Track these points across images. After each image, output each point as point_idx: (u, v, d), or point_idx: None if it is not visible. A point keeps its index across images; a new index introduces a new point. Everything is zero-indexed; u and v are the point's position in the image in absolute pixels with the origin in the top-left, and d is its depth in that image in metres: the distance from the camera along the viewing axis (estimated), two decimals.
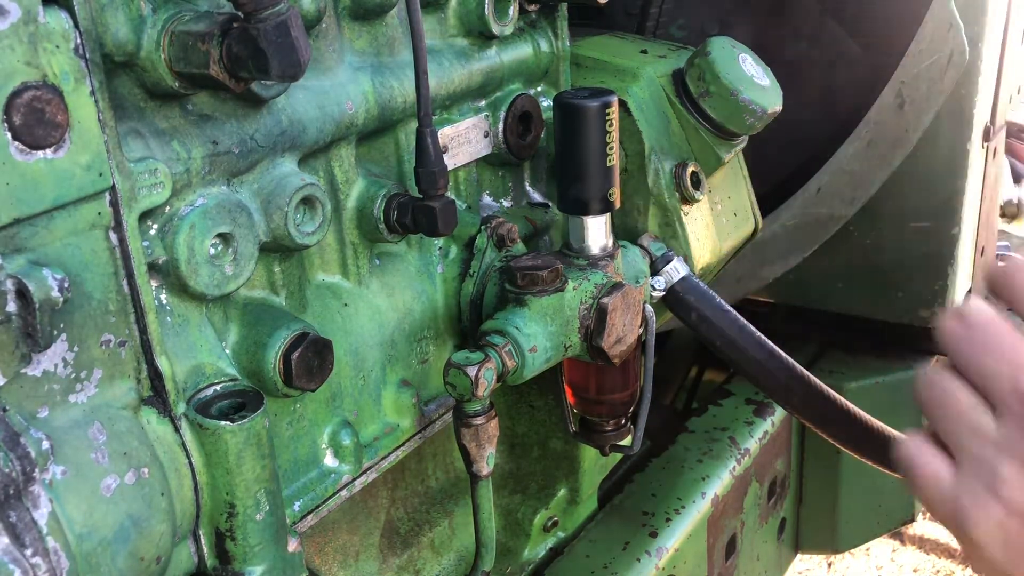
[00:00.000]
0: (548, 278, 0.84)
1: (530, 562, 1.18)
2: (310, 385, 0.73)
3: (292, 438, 0.79)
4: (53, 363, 0.58)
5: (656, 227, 1.02)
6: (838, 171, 1.47)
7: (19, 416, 0.56)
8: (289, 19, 0.60)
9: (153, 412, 0.65)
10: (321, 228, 0.75)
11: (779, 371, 1.01)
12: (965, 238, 1.61)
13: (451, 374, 0.80)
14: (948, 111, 1.49)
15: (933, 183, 1.56)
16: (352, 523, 0.97)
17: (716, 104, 1.00)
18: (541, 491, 1.17)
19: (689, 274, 1.00)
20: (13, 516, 0.54)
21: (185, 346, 0.69)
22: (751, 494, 1.44)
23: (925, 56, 1.38)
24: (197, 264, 0.67)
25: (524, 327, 0.83)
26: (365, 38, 0.82)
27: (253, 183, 0.72)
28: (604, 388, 0.97)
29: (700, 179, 1.03)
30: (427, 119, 0.78)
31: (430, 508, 1.07)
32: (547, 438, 1.14)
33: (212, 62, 0.62)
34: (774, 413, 1.50)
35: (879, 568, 3.06)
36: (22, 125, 0.53)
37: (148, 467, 0.63)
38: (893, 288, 1.65)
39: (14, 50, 0.53)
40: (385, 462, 0.87)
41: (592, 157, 0.86)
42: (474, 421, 0.83)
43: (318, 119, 0.75)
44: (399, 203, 0.82)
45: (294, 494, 0.79)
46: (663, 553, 1.20)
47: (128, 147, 0.63)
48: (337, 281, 0.83)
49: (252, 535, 0.69)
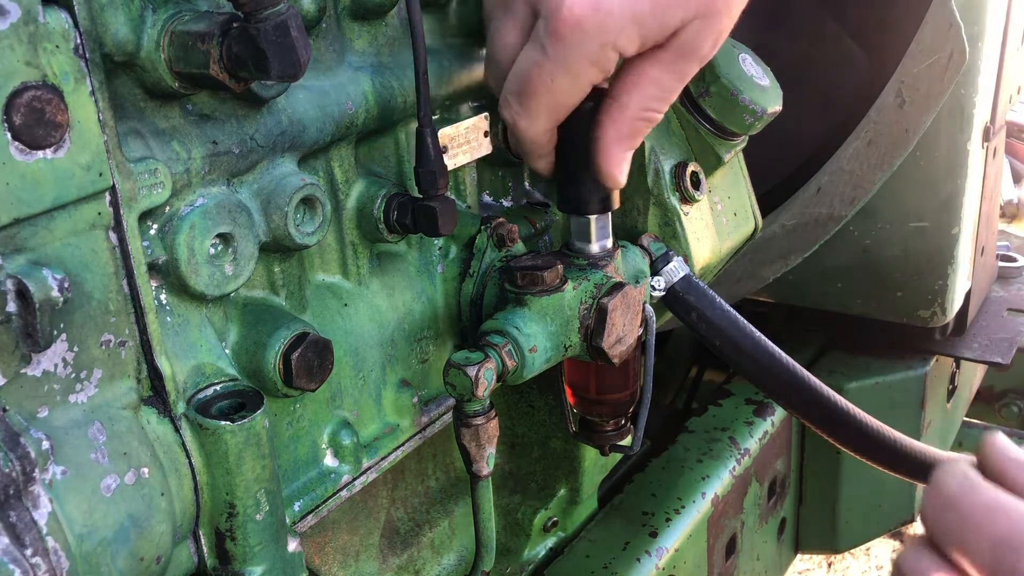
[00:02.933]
0: (548, 278, 0.84)
1: (530, 562, 1.18)
2: (310, 385, 0.73)
3: (292, 438, 0.79)
4: (53, 363, 0.58)
5: (656, 227, 1.02)
6: (838, 171, 1.47)
7: (19, 416, 0.56)
8: (289, 19, 0.60)
9: (153, 412, 0.65)
10: (321, 228, 0.75)
11: (779, 371, 1.01)
12: (965, 238, 1.61)
13: (451, 374, 0.80)
14: (948, 111, 1.49)
15: (933, 183, 1.56)
16: (352, 523, 0.97)
17: (716, 104, 1.00)
18: (541, 491, 1.17)
19: (689, 274, 1.00)
20: (13, 516, 0.54)
21: (185, 346, 0.69)
22: (751, 494, 1.44)
23: (925, 56, 1.38)
24: (197, 264, 0.67)
25: (524, 327, 0.83)
26: (365, 38, 0.82)
27: (253, 183, 0.72)
28: (604, 388, 0.97)
29: (700, 179, 1.03)
30: (427, 119, 0.78)
31: (430, 508, 1.07)
32: (547, 438, 1.14)
33: (212, 62, 0.62)
34: (774, 413, 1.50)
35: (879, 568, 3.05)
36: (22, 125, 0.53)
37: (148, 467, 0.63)
38: (893, 288, 1.65)
39: (14, 50, 0.53)
40: (385, 462, 0.87)
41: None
42: (474, 421, 0.83)
43: (318, 119, 0.75)
44: (399, 203, 0.82)
45: (294, 494, 0.79)
46: (663, 553, 1.20)
47: (128, 147, 0.63)
48: (337, 281, 0.83)
49: (252, 535, 0.69)
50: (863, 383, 1.66)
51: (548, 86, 0.78)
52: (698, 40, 0.77)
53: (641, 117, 0.82)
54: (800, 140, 1.51)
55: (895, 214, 1.59)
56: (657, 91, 0.81)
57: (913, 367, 1.68)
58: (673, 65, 0.79)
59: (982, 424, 2.33)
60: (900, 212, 1.59)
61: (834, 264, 1.66)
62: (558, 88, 0.78)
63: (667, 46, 0.78)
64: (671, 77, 0.80)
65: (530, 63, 0.78)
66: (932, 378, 1.71)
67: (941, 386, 1.81)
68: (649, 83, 0.80)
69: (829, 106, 1.51)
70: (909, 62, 1.39)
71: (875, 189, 1.47)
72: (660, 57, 0.78)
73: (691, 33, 0.77)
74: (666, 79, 0.80)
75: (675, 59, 0.78)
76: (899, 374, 1.68)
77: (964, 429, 2.23)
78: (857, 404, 1.06)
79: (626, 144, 0.84)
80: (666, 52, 0.78)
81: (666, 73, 0.79)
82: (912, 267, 1.62)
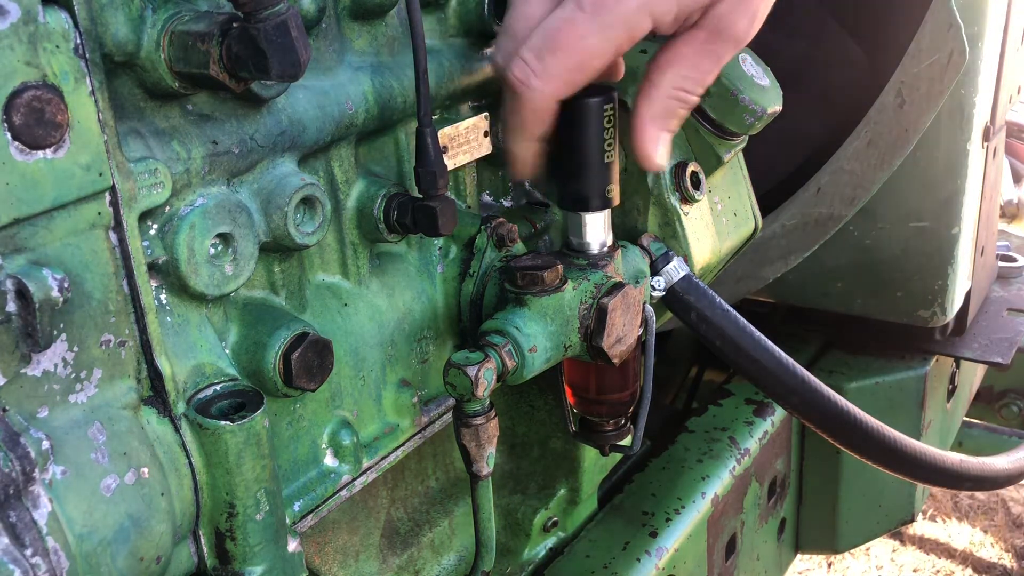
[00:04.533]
0: (548, 278, 0.84)
1: (530, 562, 1.18)
2: (310, 385, 0.73)
3: (292, 438, 0.79)
4: (53, 363, 0.58)
5: (656, 227, 1.02)
6: (838, 171, 1.47)
7: (19, 416, 0.56)
8: (289, 19, 0.60)
9: (153, 412, 0.65)
10: (321, 228, 0.75)
11: (779, 371, 1.01)
12: (965, 238, 1.61)
13: (451, 374, 0.80)
14: (948, 111, 1.49)
15: (933, 183, 1.56)
16: (352, 523, 0.97)
17: (716, 104, 1.00)
18: (541, 491, 1.17)
19: (689, 274, 1.00)
20: (13, 516, 0.54)
21: (185, 346, 0.69)
22: (751, 494, 1.44)
23: (925, 56, 1.38)
24: (197, 264, 0.67)
25: (524, 327, 0.83)
26: (365, 38, 0.82)
27: (253, 183, 0.72)
28: (604, 388, 0.97)
29: (700, 179, 1.03)
30: (427, 119, 0.78)
31: (430, 508, 1.07)
32: (547, 438, 1.14)
33: (212, 62, 0.62)
34: (774, 413, 1.50)
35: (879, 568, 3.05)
36: (22, 125, 0.53)
37: (148, 467, 0.63)
38: (893, 288, 1.65)
39: (14, 50, 0.53)
40: (385, 462, 0.87)
41: (591, 153, 0.86)
42: (474, 421, 0.83)
43: (318, 119, 0.75)
44: (399, 203, 0.82)
45: (294, 494, 0.79)
46: (663, 553, 1.20)
47: (128, 147, 0.63)
48: (337, 281, 0.83)
49: (252, 535, 0.69)
50: (863, 383, 1.66)
51: (576, 44, 0.76)
52: (732, 18, 0.78)
53: (674, 96, 0.82)
54: (800, 140, 1.51)
55: (895, 214, 1.59)
56: (690, 70, 0.81)
57: (913, 367, 1.68)
58: (708, 45, 0.79)
59: (982, 424, 2.34)
60: (900, 212, 1.59)
61: (834, 264, 1.66)
62: (586, 47, 0.76)
63: (701, 24, 0.78)
64: (705, 57, 0.80)
65: (560, 19, 0.77)
66: (932, 378, 1.71)
67: (941, 386, 1.81)
68: (682, 61, 0.80)
69: (829, 106, 1.51)
70: (909, 62, 1.39)
71: (875, 189, 1.47)
72: (695, 36, 0.79)
73: (726, 10, 0.77)
74: (700, 59, 0.80)
75: (710, 38, 0.79)
76: (899, 374, 1.68)
77: (964, 429, 2.23)
78: (857, 404, 1.06)
79: (660, 124, 0.83)
80: (701, 31, 0.78)
81: (700, 53, 0.80)
82: (912, 267, 1.62)
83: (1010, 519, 3.22)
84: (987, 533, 3.18)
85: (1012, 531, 3.17)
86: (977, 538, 3.16)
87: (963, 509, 3.29)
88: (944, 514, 3.27)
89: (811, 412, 1.03)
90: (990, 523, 3.22)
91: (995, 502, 3.29)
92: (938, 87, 1.39)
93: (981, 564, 3.04)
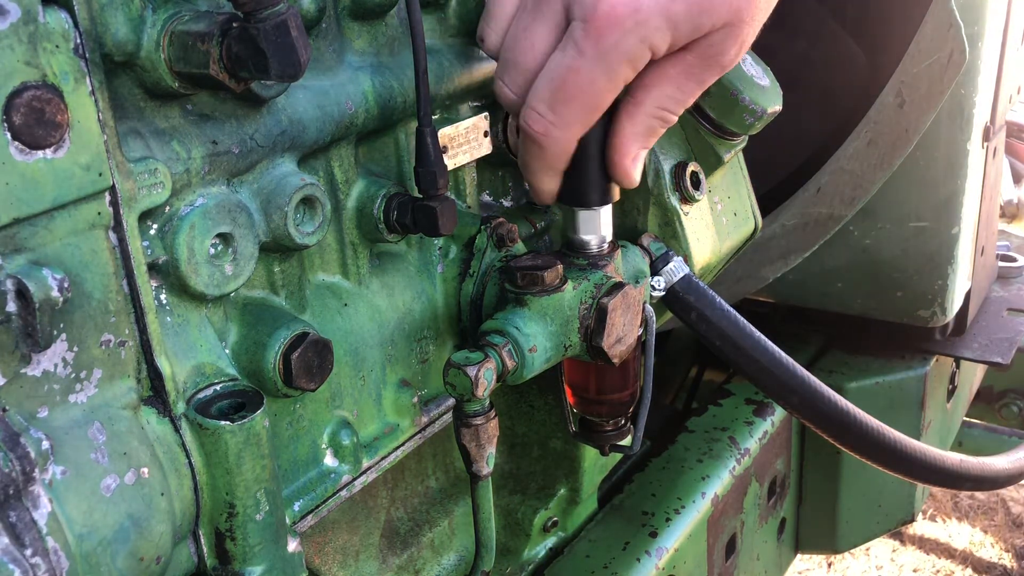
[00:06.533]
0: (548, 278, 0.84)
1: (530, 562, 1.18)
2: (310, 385, 0.73)
3: (292, 438, 0.79)
4: (53, 363, 0.58)
5: (656, 227, 1.02)
6: (838, 171, 1.47)
7: (19, 416, 0.56)
8: (289, 19, 0.60)
9: (153, 412, 0.65)
10: (321, 228, 0.75)
11: (779, 371, 1.01)
12: (965, 238, 1.61)
13: (451, 374, 0.80)
14: (948, 111, 1.49)
15: (933, 183, 1.56)
16: (352, 523, 0.97)
17: (716, 104, 1.00)
18: (541, 491, 1.17)
19: (689, 274, 1.00)
20: (13, 516, 0.54)
21: (185, 346, 0.69)
22: (751, 494, 1.44)
23: (925, 56, 1.38)
24: (197, 264, 0.67)
25: (524, 327, 0.83)
26: (365, 38, 0.82)
27: (253, 183, 0.72)
28: (604, 388, 0.97)
29: (700, 179, 1.03)
30: (427, 119, 0.78)
31: (430, 508, 1.07)
32: (547, 438, 1.14)
33: (212, 62, 0.62)
34: (774, 413, 1.50)
35: (879, 568, 3.06)
36: (22, 125, 0.53)
37: (148, 467, 0.63)
38: (893, 288, 1.65)
39: (14, 50, 0.53)
40: (385, 462, 0.87)
41: (591, 148, 0.86)
42: (474, 421, 0.83)
43: (318, 119, 0.75)
44: (399, 203, 0.82)
45: (294, 494, 0.79)
46: (663, 553, 1.20)
47: (128, 147, 0.63)
48: (337, 281, 0.83)
49: (252, 535, 0.69)
50: (863, 383, 1.67)
51: (585, 89, 0.78)
52: (723, 47, 0.78)
53: (655, 115, 0.83)
54: (800, 140, 1.51)
55: (895, 214, 1.59)
56: (674, 91, 0.81)
57: (913, 367, 1.68)
58: (694, 68, 0.80)
59: (982, 424, 2.34)
60: (900, 212, 1.59)
61: (834, 264, 1.66)
62: (596, 90, 0.78)
63: (692, 48, 0.79)
64: (690, 80, 0.81)
65: (564, 68, 0.77)
66: (932, 378, 1.71)
67: (941, 386, 1.81)
68: (668, 82, 0.81)
69: (829, 106, 1.51)
70: (909, 62, 1.39)
71: (875, 189, 1.47)
72: (683, 59, 0.79)
73: (718, 39, 0.78)
74: (685, 81, 0.81)
75: (697, 62, 0.80)
76: (899, 374, 1.68)
77: (964, 429, 2.23)
78: (857, 404, 1.06)
79: (640, 141, 0.84)
80: (690, 55, 0.79)
81: (686, 75, 0.80)
82: (912, 267, 1.62)
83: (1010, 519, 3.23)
84: (987, 533, 3.18)
85: (1012, 531, 3.18)
86: (977, 538, 3.16)
87: (963, 509, 3.29)
88: (944, 514, 3.27)
89: (811, 412, 1.03)
90: (990, 523, 3.22)
91: (995, 502, 3.29)
92: (938, 87, 1.39)
93: (981, 564, 3.05)
